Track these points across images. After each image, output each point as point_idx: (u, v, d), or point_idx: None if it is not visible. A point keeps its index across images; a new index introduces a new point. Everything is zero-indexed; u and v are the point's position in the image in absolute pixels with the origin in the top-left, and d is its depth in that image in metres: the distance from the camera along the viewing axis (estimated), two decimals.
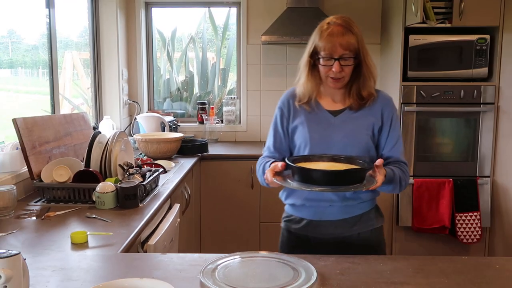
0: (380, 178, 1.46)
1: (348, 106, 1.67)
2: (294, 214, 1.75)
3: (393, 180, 1.57)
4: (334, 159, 1.56)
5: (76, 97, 3.60)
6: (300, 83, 1.68)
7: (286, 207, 1.81)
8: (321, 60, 1.59)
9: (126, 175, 2.23)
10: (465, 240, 3.29)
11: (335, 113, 1.67)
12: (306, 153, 1.64)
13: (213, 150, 3.53)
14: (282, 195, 1.80)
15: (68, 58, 3.42)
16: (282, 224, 1.81)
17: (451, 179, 3.28)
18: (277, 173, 1.54)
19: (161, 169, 2.49)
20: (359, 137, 1.63)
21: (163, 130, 3.58)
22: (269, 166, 1.60)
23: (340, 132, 1.63)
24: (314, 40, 1.61)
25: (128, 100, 3.89)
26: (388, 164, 1.63)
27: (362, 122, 1.65)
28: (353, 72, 1.62)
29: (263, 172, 1.64)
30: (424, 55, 3.23)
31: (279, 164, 1.53)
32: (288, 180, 1.50)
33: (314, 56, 1.62)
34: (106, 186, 1.99)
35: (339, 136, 1.63)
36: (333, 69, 1.56)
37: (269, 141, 1.77)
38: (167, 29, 4.20)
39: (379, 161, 1.48)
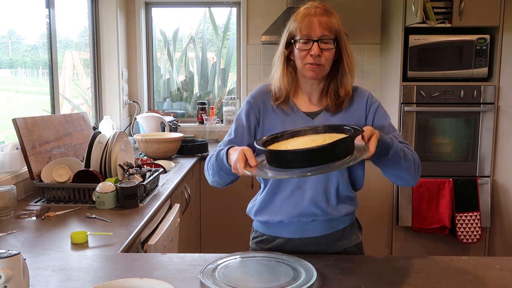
0: (372, 141, 1.20)
1: (325, 107, 1.48)
2: (267, 233, 1.54)
3: (391, 147, 1.30)
4: (311, 131, 1.32)
5: (76, 97, 3.60)
6: (276, 78, 1.50)
7: (256, 225, 1.59)
8: (297, 44, 1.40)
9: (126, 175, 2.23)
10: (465, 240, 3.29)
11: (312, 115, 1.49)
12: None
13: (213, 150, 3.52)
14: (250, 210, 1.57)
15: (68, 58, 3.42)
16: (252, 245, 1.59)
17: (451, 179, 3.28)
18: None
19: (161, 169, 2.49)
20: None
21: (163, 130, 3.58)
22: (225, 151, 1.37)
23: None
24: (289, 26, 1.44)
25: (128, 100, 3.89)
26: None
27: (343, 121, 1.46)
28: (332, 66, 1.44)
29: (217, 160, 1.41)
30: (424, 55, 3.23)
31: (247, 151, 1.26)
32: (266, 170, 1.22)
33: (289, 46, 1.45)
34: (106, 186, 1.99)
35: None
36: (312, 52, 1.37)
37: (228, 136, 1.54)
38: (169, 29, 4.20)
39: (368, 127, 1.24)
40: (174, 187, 2.42)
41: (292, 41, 1.43)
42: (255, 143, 1.28)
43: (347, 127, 1.26)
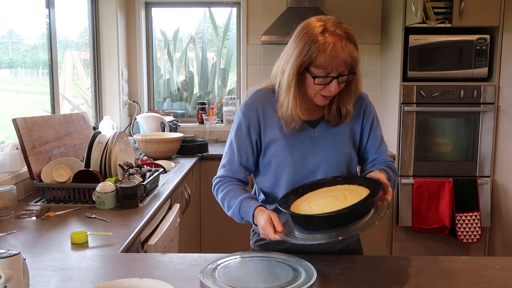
0: (389, 194, 1.31)
1: (325, 116, 1.46)
2: None
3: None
4: (329, 182, 1.40)
5: (76, 97, 3.60)
6: (291, 107, 1.38)
7: (258, 229, 1.49)
8: (316, 79, 1.33)
9: (126, 175, 2.23)
10: (465, 240, 3.29)
11: (313, 123, 1.47)
12: (285, 173, 1.44)
13: (213, 150, 3.53)
14: None
15: (68, 58, 3.42)
16: (255, 248, 1.57)
17: (451, 179, 3.28)
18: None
19: (161, 169, 2.49)
20: (342, 148, 1.47)
21: (163, 130, 3.58)
22: (252, 210, 1.36)
23: (322, 147, 1.45)
24: (306, 55, 1.31)
25: (128, 100, 3.89)
26: (373, 167, 1.51)
27: (344, 131, 1.48)
28: None
29: (240, 212, 1.41)
30: (424, 55, 3.23)
31: (274, 217, 1.30)
32: (296, 235, 1.27)
33: (303, 72, 1.35)
34: (106, 186, 1.99)
35: (321, 151, 1.45)
36: (332, 89, 1.33)
37: (231, 156, 1.49)
38: (169, 29, 4.21)
39: (383, 179, 1.33)
40: (174, 187, 2.42)
41: (311, 74, 1.33)
42: (277, 205, 1.33)
43: (362, 179, 1.36)
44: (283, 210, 1.30)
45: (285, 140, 1.44)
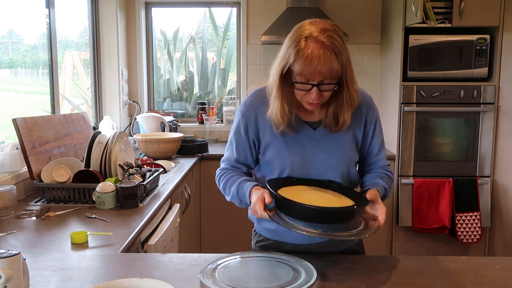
0: (382, 217, 1.35)
1: (324, 121, 1.42)
2: (273, 238, 1.51)
3: (385, 196, 1.46)
4: (325, 183, 1.42)
5: (76, 97, 3.60)
6: (275, 110, 1.37)
7: (259, 229, 1.55)
8: (296, 85, 1.30)
9: (126, 175, 2.23)
10: (465, 240, 3.29)
11: (314, 124, 1.44)
12: (284, 175, 1.43)
13: (213, 150, 3.53)
14: (252, 216, 1.54)
15: (68, 58, 3.43)
16: (256, 249, 1.56)
17: (451, 179, 3.28)
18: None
19: (161, 169, 2.49)
20: (344, 151, 1.44)
21: (163, 130, 3.58)
22: (249, 190, 1.38)
23: (322, 149, 1.42)
24: (288, 58, 1.28)
25: (128, 100, 3.89)
26: (371, 170, 1.53)
27: (345, 133, 1.44)
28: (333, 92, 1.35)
29: (238, 194, 1.44)
30: (424, 55, 3.23)
31: (266, 196, 1.31)
32: (285, 218, 1.30)
33: (286, 76, 1.32)
34: (106, 186, 1.99)
35: (322, 153, 1.42)
36: (312, 97, 1.29)
37: (230, 154, 1.50)
38: (169, 29, 4.21)
39: (373, 196, 1.36)
40: (174, 187, 2.42)
41: (291, 80, 1.32)
42: (267, 185, 1.34)
43: (356, 195, 1.40)
44: (271, 191, 1.33)
45: (283, 142, 1.42)
